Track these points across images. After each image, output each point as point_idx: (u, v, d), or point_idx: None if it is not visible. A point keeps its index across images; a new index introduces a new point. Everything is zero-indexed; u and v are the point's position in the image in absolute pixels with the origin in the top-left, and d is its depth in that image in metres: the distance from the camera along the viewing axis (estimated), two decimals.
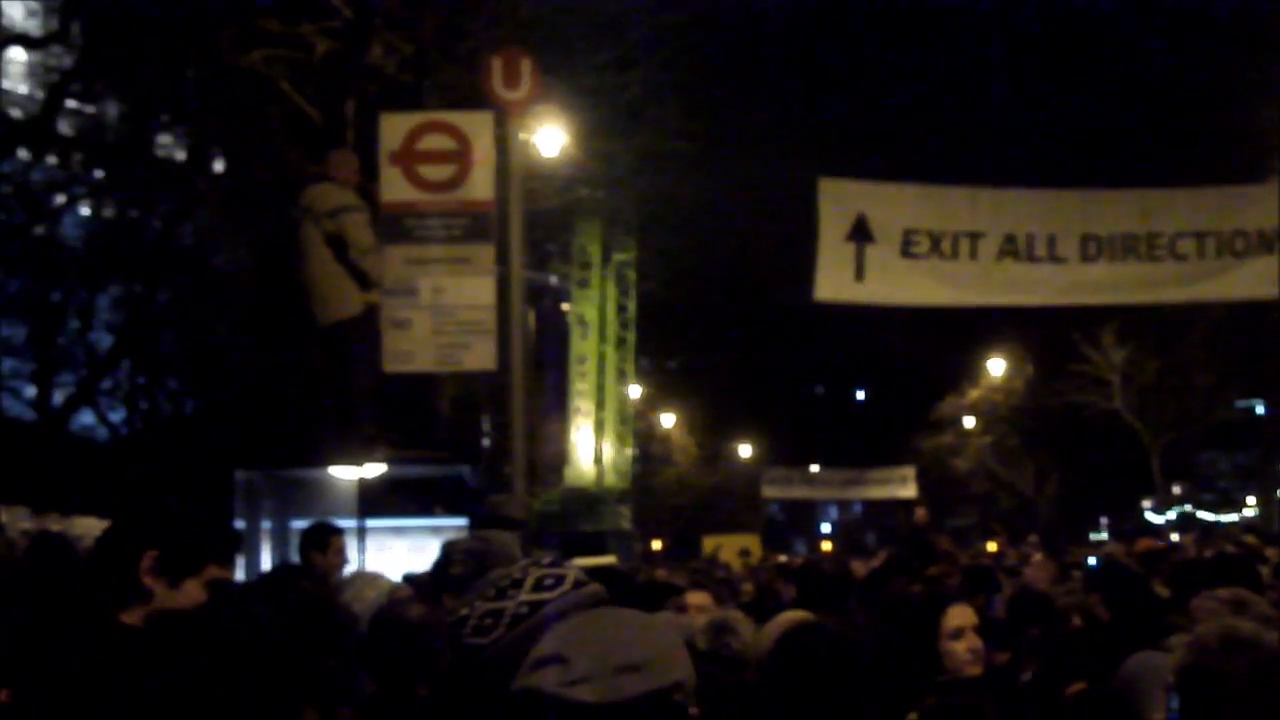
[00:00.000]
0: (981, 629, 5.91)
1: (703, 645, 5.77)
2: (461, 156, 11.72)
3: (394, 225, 11.86)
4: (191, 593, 4.13)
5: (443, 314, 11.68)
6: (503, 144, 12.13)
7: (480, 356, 11.80)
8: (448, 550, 6.73)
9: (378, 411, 12.54)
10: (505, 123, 12.15)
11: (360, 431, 11.81)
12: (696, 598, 8.61)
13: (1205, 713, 3.69)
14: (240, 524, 11.61)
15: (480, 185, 11.75)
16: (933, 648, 5.73)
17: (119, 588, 4.07)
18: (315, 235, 11.88)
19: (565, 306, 33.91)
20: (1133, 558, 14.35)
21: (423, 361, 11.91)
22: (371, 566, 10.20)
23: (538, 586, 3.17)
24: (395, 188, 11.84)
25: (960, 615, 5.83)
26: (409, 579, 7.95)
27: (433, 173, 11.76)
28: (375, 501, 11.44)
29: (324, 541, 9.09)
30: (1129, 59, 59.28)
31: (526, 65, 12.04)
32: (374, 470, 11.36)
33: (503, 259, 12.18)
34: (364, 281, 11.93)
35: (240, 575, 9.59)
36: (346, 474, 11.49)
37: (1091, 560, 15.97)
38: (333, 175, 12.17)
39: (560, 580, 3.19)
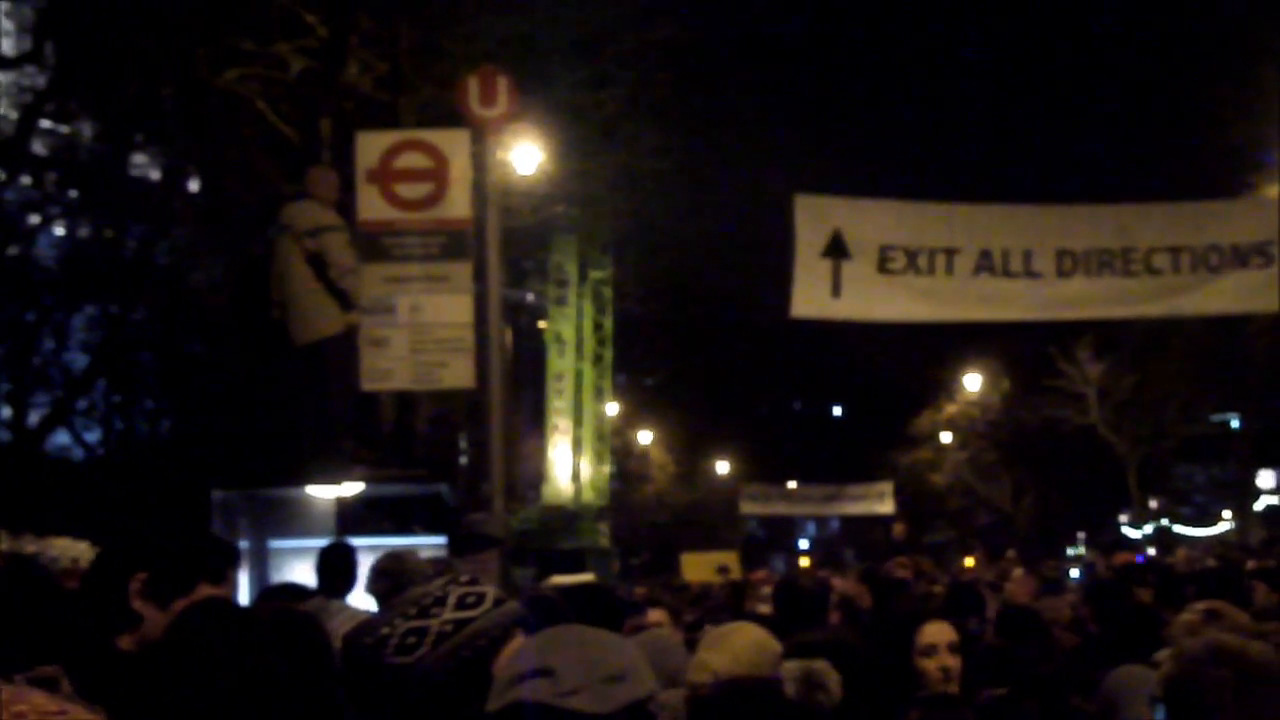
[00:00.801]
0: (965, 646, 5.89)
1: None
2: (438, 175, 11.71)
3: (371, 244, 11.84)
4: None
5: (420, 332, 11.66)
6: (479, 162, 12.11)
7: (458, 374, 11.78)
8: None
9: (356, 430, 12.51)
10: (482, 141, 12.14)
11: (338, 450, 11.78)
12: (655, 614, 8.69)
13: None
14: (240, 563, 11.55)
15: (457, 203, 11.74)
16: (908, 664, 5.72)
17: (111, 614, 4.00)
18: (295, 253, 11.84)
19: (542, 324, 33.88)
20: (1110, 571, 14.40)
21: (401, 379, 11.90)
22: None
23: (460, 605, 3.19)
24: (372, 206, 11.82)
25: (934, 633, 5.81)
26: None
27: (409, 191, 11.75)
28: (353, 520, 11.39)
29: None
30: (1106, 76, 59.56)
31: (503, 83, 12.03)
32: (352, 489, 11.32)
33: (480, 277, 12.16)
34: (345, 301, 11.90)
35: None
36: (324, 493, 11.45)
37: (1074, 572, 16.02)
38: (312, 193, 12.13)
39: (481, 598, 3.22)
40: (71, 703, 2.96)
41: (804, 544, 79.00)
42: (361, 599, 8.37)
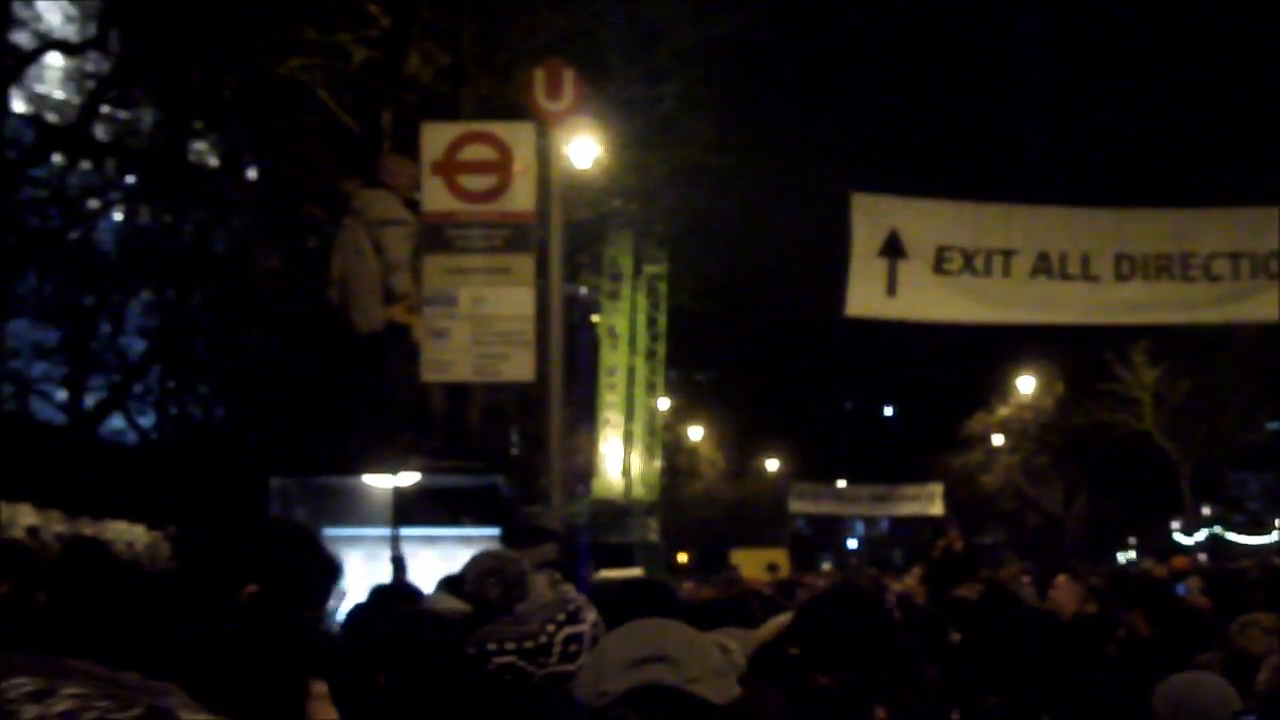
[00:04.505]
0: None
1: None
2: (502, 167, 11.71)
3: (434, 235, 11.85)
4: None
5: (482, 324, 11.64)
6: (544, 155, 12.13)
7: (518, 367, 11.78)
8: (473, 575, 6.73)
9: (412, 420, 12.54)
10: (546, 134, 12.16)
11: (396, 440, 11.81)
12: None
13: None
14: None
15: (521, 196, 11.74)
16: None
17: (209, 614, 3.87)
18: (364, 242, 11.88)
19: (595, 318, 33.92)
20: (1168, 574, 14.30)
21: (460, 371, 11.88)
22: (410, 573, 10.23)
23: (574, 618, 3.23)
24: (436, 197, 11.83)
25: None
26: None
27: (474, 183, 11.74)
28: (408, 510, 11.43)
29: None
30: (1166, 77, 59.13)
31: (569, 77, 12.05)
32: (409, 479, 11.36)
33: (542, 270, 12.18)
34: (389, 295, 11.91)
35: None
36: (381, 482, 11.49)
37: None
38: (389, 182, 12.15)
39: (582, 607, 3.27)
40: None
41: (852, 544, 78.84)
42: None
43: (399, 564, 10.51)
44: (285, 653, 2.83)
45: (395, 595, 7.48)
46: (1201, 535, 54.89)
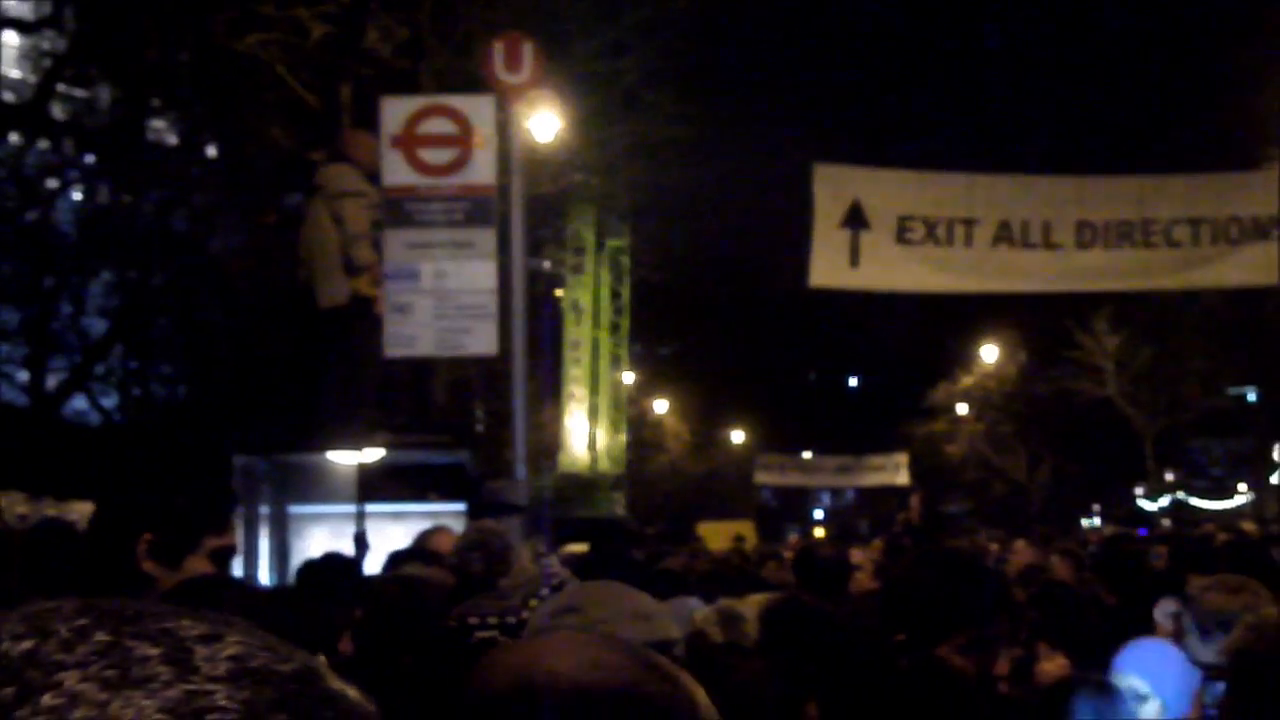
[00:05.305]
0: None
1: (718, 638, 5.68)
2: (462, 140, 11.67)
3: (395, 209, 11.83)
4: (195, 569, 4.00)
5: (444, 298, 11.61)
6: (504, 128, 12.10)
7: (482, 341, 11.75)
8: (457, 548, 6.71)
9: (377, 396, 12.52)
10: (506, 107, 12.13)
11: (360, 416, 11.78)
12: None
13: (1259, 697, 3.65)
14: (239, 509, 11.58)
15: (481, 169, 11.71)
16: None
17: (121, 578, 3.95)
18: (325, 216, 11.85)
19: (558, 292, 33.89)
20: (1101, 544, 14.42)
21: (424, 346, 11.85)
22: (372, 551, 10.22)
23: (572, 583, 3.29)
24: (396, 171, 11.79)
25: None
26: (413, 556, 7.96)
27: (434, 156, 11.71)
28: (374, 487, 11.40)
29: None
30: (1125, 45, 59.27)
31: (528, 49, 12.03)
32: (374, 455, 11.34)
33: (504, 244, 12.16)
34: (349, 267, 11.89)
35: (239, 561, 9.57)
36: (346, 459, 11.46)
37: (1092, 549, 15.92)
38: (349, 155, 12.12)
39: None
40: None
41: (818, 515, 79.05)
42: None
43: (361, 541, 10.50)
44: (290, 628, 2.86)
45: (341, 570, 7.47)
46: (1165, 501, 55.23)
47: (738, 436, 65.33)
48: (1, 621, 0.86)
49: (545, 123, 17.75)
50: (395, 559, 8.19)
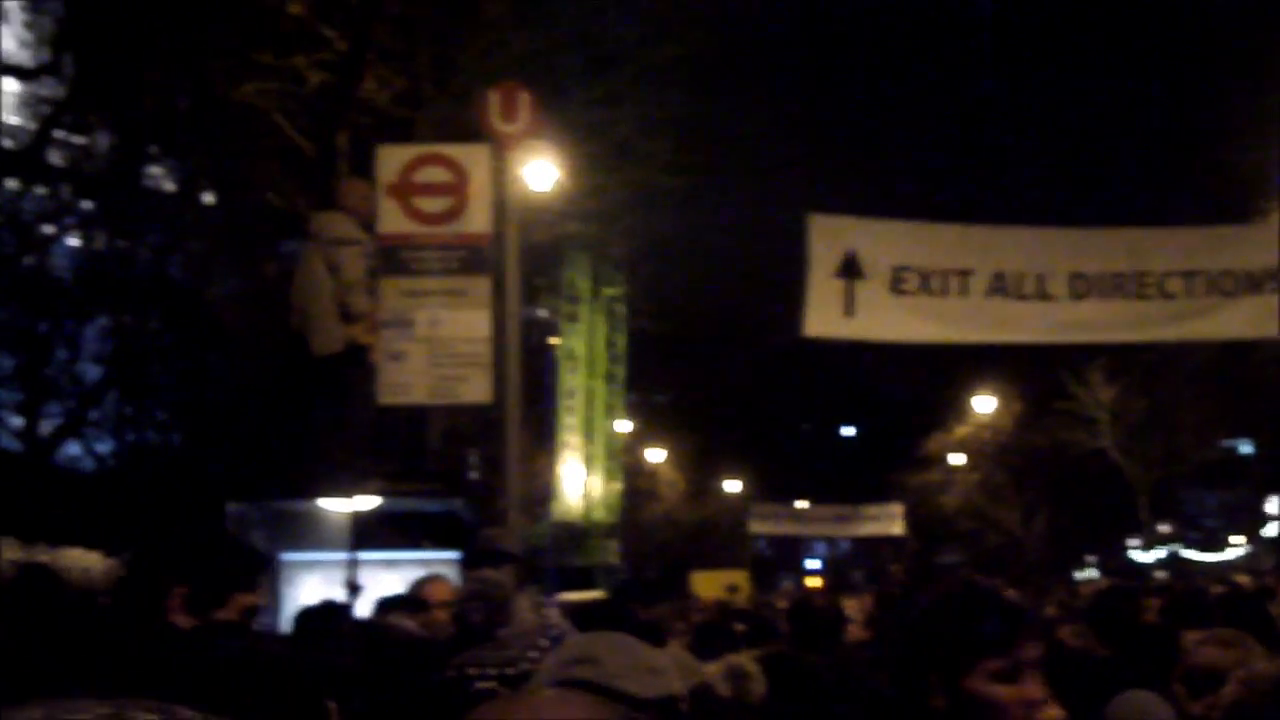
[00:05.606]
0: None
1: (725, 692, 5.69)
2: (458, 189, 11.69)
3: (390, 257, 11.84)
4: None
5: (439, 346, 11.59)
6: (499, 177, 12.12)
7: (476, 390, 11.72)
8: (458, 599, 6.69)
9: (371, 444, 12.50)
10: (502, 156, 12.16)
11: (353, 464, 11.76)
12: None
13: None
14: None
15: (477, 218, 11.72)
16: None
17: (148, 627, 3.96)
18: (320, 264, 11.85)
19: (553, 340, 33.89)
20: (1085, 599, 14.34)
21: (418, 394, 11.81)
22: (365, 599, 10.20)
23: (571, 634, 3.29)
24: (392, 220, 11.80)
25: None
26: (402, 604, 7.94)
27: (429, 205, 11.72)
28: (367, 534, 11.38)
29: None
30: (1120, 98, 59.53)
31: (524, 99, 12.07)
32: (367, 503, 11.32)
33: (499, 292, 12.16)
34: (346, 315, 11.89)
35: None
36: (339, 506, 11.44)
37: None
38: (343, 204, 12.14)
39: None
40: None
41: (813, 564, 78.86)
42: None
43: (353, 589, 10.48)
44: (310, 676, 2.88)
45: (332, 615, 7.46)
46: (1160, 553, 55.15)
47: (732, 485, 65.22)
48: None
49: (541, 172, 17.78)
50: (384, 605, 8.18)
